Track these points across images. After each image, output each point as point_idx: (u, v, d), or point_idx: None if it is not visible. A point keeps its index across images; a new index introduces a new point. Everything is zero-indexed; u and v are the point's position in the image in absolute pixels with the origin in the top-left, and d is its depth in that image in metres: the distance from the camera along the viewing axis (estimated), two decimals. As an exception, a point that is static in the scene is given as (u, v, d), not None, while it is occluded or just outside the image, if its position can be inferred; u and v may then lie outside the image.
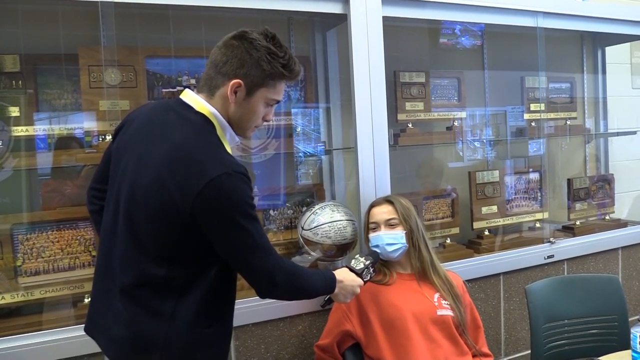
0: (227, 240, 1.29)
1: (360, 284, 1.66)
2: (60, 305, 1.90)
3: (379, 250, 1.86)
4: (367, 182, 2.12)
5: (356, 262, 1.72)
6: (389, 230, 1.87)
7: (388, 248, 1.85)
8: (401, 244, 1.86)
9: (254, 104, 1.37)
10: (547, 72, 2.83)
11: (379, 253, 1.85)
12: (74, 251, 1.92)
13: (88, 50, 1.91)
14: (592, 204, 3.01)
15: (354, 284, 1.63)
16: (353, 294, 1.64)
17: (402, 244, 1.86)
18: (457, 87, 2.72)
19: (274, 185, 2.37)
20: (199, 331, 1.32)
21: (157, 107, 1.43)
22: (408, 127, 2.52)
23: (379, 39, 2.13)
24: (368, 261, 1.72)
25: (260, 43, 1.33)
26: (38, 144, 1.94)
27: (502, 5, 2.44)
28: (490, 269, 2.48)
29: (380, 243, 1.86)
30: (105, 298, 1.37)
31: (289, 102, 2.33)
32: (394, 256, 1.87)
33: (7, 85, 1.88)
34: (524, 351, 2.59)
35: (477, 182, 2.68)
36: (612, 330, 2.05)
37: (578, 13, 2.68)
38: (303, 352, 2.08)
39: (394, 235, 1.86)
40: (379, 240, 1.86)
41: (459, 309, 1.85)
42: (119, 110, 1.93)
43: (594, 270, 2.77)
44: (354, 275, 1.66)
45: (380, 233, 1.88)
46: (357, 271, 1.68)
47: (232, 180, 1.25)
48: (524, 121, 2.92)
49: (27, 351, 1.70)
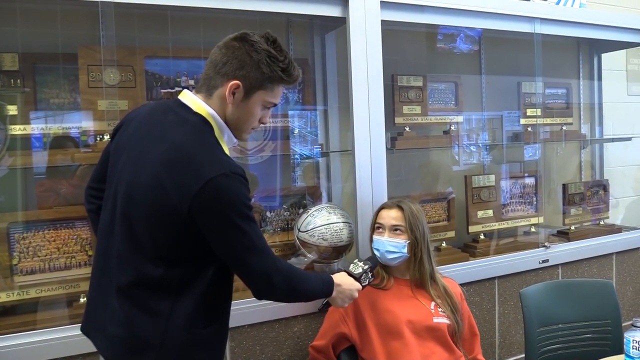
0: (224, 240, 1.29)
1: (359, 289, 1.66)
2: (56, 304, 1.90)
3: (379, 255, 1.86)
4: (364, 185, 2.13)
5: (355, 266, 1.72)
6: (392, 237, 1.86)
7: (388, 255, 1.85)
8: (401, 253, 1.85)
9: (251, 106, 1.37)
10: (544, 77, 2.85)
11: (377, 257, 1.85)
12: (70, 250, 1.91)
13: (87, 50, 1.91)
14: (586, 209, 3.03)
15: (352, 288, 1.63)
16: (351, 298, 1.64)
17: (403, 254, 1.85)
18: (454, 91, 2.73)
19: (270, 187, 2.37)
20: (195, 332, 1.32)
21: (156, 107, 1.43)
22: (405, 131, 2.53)
23: (378, 43, 2.14)
24: (367, 266, 1.72)
25: (261, 46, 1.33)
26: (34, 142, 1.94)
27: (500, 11, 2.46)
28: (485, 273, 2.49)
29: (381, 248, 1.86)
30: (102, 298, 1.37)
31: (287, 104, 2.33)
32: (391, 263, 1.87)
33: (5, 83, 1.88)
34: (518, 355, 2.60)
35: (473, 186, 2.70)
36: (605, 334, 2.07)
37: (575, 20, 2.70)
38: (298, 354, 2.08)
39: (396, 243, 1.85)
40: (381, 246, 1.86)
41: (455, 319, 1.85)
42: (118, 110, 1.93)
43: (588, 275, 2.79)
44: (352, 280, 1.66)
45: (383, 238, 1.87)
46: (355, 275, 1.68)
47: (229, 181, 1.25)
48: (520, 126, 2.94)
49: (21, 350, 1.69)
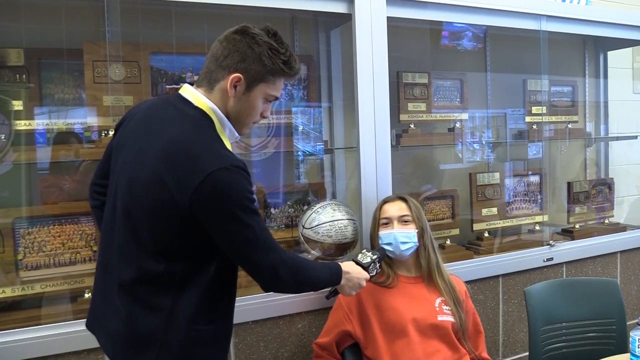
0: (227, 235, 1.28)
1: (367, 277, 1.66)
2: (60, 299, 1.90)
3: (392, 249, 1.85)
4: (368, 182, 2.12)
5: (363, 256, 1.72)
6: (402, 227, 1.86)
7: (402, 246, 1.84)
8: (414, 242, 1.85)
9: (253, 99, 1.37)
10: (549, 75, 2.83)
11: (385, 250, 1.84)
12: (75, 246, 1.92)
13: (92, 46, 1.91)
14: (591, 207, 3.02)
15: (360, 277, 1.63)
16: (359, 287, 1.64)
17: (415, 243, 1.86)
18: (459, 88, 2.72)
19: (274, 184, 2.37)
20: (198, 328, 1.32)
21: (157, 102, 1.43)
22: (410, 128, 2.52)
23: (383, 39, 2.14)
24: (375, 256, 1.72)
25: (262, 39, 1.33)
26: (37, 138, 1.94)
27: (506, 8, 2.45)
28: (489, 271, 2.48)
29: (393, 241, 1.84)
30: (105, 293, 1.37)
31: (292, 100, 2.33)
32: (405, 255, 1.86)
33: (10, 79, 1.88)
34: (522, 353, 2.59)
35: (477, 183, 2.69)
36: (610, 333, 2.06)
37: (581, 17, 2.69)
38: (302, 350, 2.08)
39: (407, 233, 1.85)
40: (392, 239, 1.84)
41: (459, 314, 1.84)
42: (123, 106, 1.93)
43: (592, 274, 2.78)
44: (360, 269, 1.66)
45: (393, 230, 1.86)
46: (363, 265, 1.68)
47: (230, 175, 1.24)
48: (524, 124, 2.93)
49: (26, 345, 1.70)
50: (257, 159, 2.29)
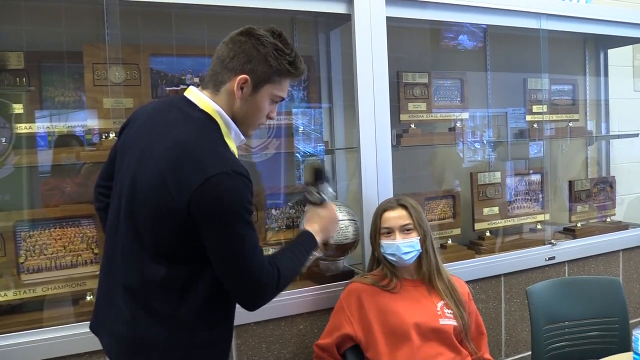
0: (216, 241, 1.25)
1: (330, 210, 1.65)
2: (62, 302, 1.90)
3: (395, 259, 1.84)
4: (369, 182, 2.12)
5: (310, 196, 1.66)
6: (404, 237, 1.84)
7: (405, 257, 1.83)
8: (417, 250, 1.85)
9: (259, 100, 1.37)
10: (550, 74, 2.83)
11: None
12: (76, 249, 1.92)
13: (92, 48, 1.91)
14: (593, 206, 3.02)
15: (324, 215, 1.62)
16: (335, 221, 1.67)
17: (418, 250, 1.85)
18: (459, 88, 2.72)
19: (275, 185, 2.37)
20: (199, 334, 1.31)
21: (161, 104, 1.43)
22: (410, 128, 2.52)
23: (383, 39, 2.14)
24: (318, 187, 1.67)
25: (268, 40, 1.33)
26: (39, 141, 1.94)
27: (505, 6, 2.45)
28: (491, 270, 2.48)
29: (396, 252, 1.83)
30: (109, 296, 1.37)
31: (292, 101, 2.33)
32: (408, 263, 1.85)
33: (10, 82, 1.88)
34: (525, 352, 2.59)
35: (478, 183, 2.68)
36: (612, 332, 2.06)
37: (581, 15, 2.68)
38: (304, 351, 2.08)
39: (410, 242, 1.84)
40: (396, 250, 1.83)
41: (462, 316, 1.84)
42: (123, 108, 1.93)
43: (594, 273, 2.78)
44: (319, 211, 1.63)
45: (396, 242, 1.84)
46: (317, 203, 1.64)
47: (230, 180, 1.22)
48: (525, 123, 2.93)
49: (28, 348, 1.70)
50: (257, 160, 2.29)
